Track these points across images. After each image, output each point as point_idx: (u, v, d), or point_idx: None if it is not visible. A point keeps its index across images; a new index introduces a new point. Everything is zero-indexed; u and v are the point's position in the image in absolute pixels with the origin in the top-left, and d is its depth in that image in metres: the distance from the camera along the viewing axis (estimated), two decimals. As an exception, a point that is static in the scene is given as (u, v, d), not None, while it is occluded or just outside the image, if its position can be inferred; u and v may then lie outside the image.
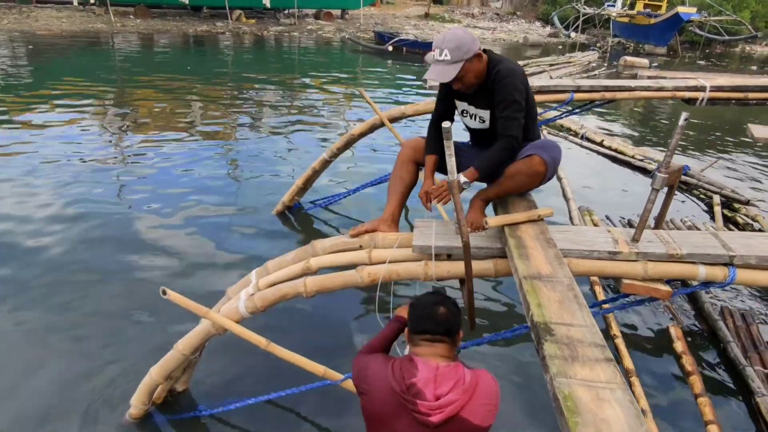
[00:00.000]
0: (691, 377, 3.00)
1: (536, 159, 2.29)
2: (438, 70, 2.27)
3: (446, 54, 2.23)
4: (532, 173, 2.31)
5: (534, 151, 2.32)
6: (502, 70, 2.31)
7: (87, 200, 4.84)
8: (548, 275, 1.83)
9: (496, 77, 2.31)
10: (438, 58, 2.26)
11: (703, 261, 2.11)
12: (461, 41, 2.24)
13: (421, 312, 1.74)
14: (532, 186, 2.40)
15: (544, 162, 2.29)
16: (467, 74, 2.30)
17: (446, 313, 1.73)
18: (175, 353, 2.40)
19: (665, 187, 2.12)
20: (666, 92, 4.35)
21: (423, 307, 1.75)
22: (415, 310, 1.78)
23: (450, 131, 1.86)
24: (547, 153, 2.31)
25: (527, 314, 1.67)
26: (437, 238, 2.19)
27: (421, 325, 1.73)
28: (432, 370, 1.63)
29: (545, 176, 2.35)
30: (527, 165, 2.31)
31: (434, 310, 1.73)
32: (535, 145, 2.38)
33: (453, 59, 2.23)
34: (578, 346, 1.50)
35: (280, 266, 2.40)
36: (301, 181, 4.72)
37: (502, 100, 2.32)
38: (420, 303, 1.79)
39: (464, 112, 2.58)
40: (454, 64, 2.24)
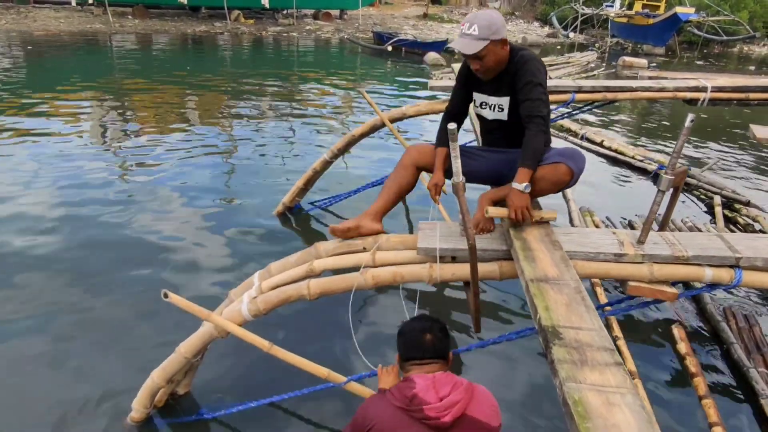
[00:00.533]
0: (695, 379, 2.99)
1: (563, 168, 2.23)
2: (463, 42, 2.27)
3: (475, 29, 2.24)
4: (557, 181, 2.27)
5: (560, 159, 2.25)
6: (525, 55, 2.34)
7: (85, 203, 4.82)
8: (555, 278, 1.82)
9: (519, 61, 2.32)
10: (466, 32, 2.27)
11: (709, 263, 2.10)
12: (493, 21, 2.25)
13: (408, 340, 1.77)
14: (550, 193, 2.35)
15: (571, 172, 2.24)
16: (489, 55, 2.29)
17: (433, 339, 1.75)
18: (177, 356, 2.38)
19: (671, 189, 2.12)
20: (667, 93, 4.35)
21: (410, 334, 1.78)
22: (402, 338, 1.80)
23: (455, 133, 1.85)
24: (574, 163, 2.26)
25: (534, 317, 1.66)
26: (442, 240, 2.17)
27: (410, 353, 1.76)
28: (428, 378, 1.67)
29: (568, 185, 2.32)
30: (553, 173, 2.25)
31: (421, 338, 1.75)
32: (561, 153, 2.31)
33: (480, 35, 2.23)
34: (587, 350, 1.48)
35: (283, 268, 2.39)
36: (302, 181, 4.70)
37: (528, 82, 2.29)
38: (407, 331, 1.80)
39: (482, 104, 2.54)
40: (480, 41, 2.24)
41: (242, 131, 7.50)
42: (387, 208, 2.52)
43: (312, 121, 8.26)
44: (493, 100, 2.48)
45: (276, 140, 7.09)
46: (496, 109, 2.49)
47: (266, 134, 7.37)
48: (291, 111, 8.92)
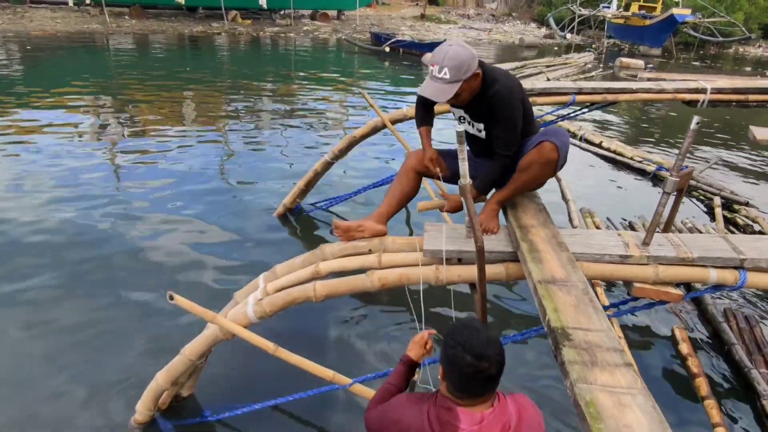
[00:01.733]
0: (697, 379, 3.00)
1: (547, 145, 2.27)
2: (436, 88, 2.21)
3: (446, 72, 2.17)
4: (545, 161, 2.29)
5: (542, 138, 2.30)
6: (500, 90, 2.27)
7: (85, 204, 4.80)
8: (562, 279, 1.83)
9: (494, 97, 2.28)
10: (437, 75, 2.19)
11: (714, 264, 2.11)
12: (462, 60, 2.18)
13: (463, 372, 1.40)
14: (546, 176, 2.38)
15: (556, 147, 2.27)
16: (463, 92, 2.26)
17: (491, 368, 1.39)
18: (181, 358, 2.38)
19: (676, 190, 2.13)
20: (667, 94, 4.36)
21: (466, 364, 1.39)
22: (453, 365, 1.42)
23: (463, 135, 1.86)
24: (557, 138, 2.29)
25: (543, 319, 1.66)
26: (448, 242, 2.18)
27: (465, 388, 1.44)
28: (476, 421, 1.42)
29: (557, 164, 2.33)
30: (539, 154, 2.29)
31: (479, 368, 1.38)
32: (543, 132, 2.37)
33: (452, 79, 2.18)
34: (597, 350, 1.49)
35: (289, 270, 2.39)
36: (303, 182, 4.70)
37: (500, 121, 2.32)
38: (459, 359, 1.40)
39: (461, 118, 2.58)
40: (452, 84, 2.19)
41: (240, 132, 7.48)
42: (391, 212, 2.55)
43: (311, 122, 8.25)
44: (471, 120, 2.51)
45: (275, 141, 7.08)
46: (475, 129, 2.53)
47: (265, 135, 7.36)
48: (289, 112, 8.91)
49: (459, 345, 1.41)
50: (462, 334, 1.43)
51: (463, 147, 1.87)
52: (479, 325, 1.49)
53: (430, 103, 2.71)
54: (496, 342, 1.43)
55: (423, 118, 2.69)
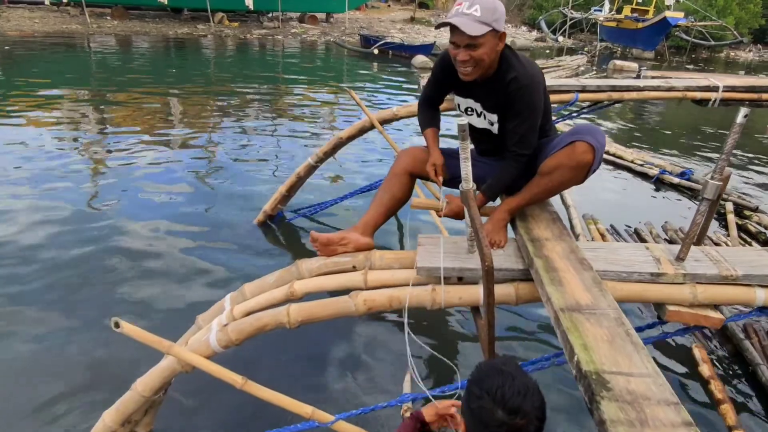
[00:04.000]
0: (722, 406, 2.68)
1: (581, 146, 1.88)
2: (463, 21, 1.83)
3: (477, 9, 1.82)
4: (578, 164, 1.91)
5: (576, 137, 1.90)
6: (520, 77, 1.93)
7: (49, 207, 4.41)
8: (589, 306, 1.49)
9: (512, 84, 1.94)
10: (465, 11, 1.83)
11: (762, 283, 1.78)
12: (497, 6, 1.87)
13: (492, 430, 1.11)
14: (574, 182, 2.00)
15: (592, 148, 1.88)
16: (484, 47, 1.88)
17: (528, 426, 1.11)
18: (132, 395, 2.01)
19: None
20: (677, 92, 4.08)
21: (495, 424, 1.10)
22: (479, 422, 1.13)
23: (467, 130, 1.52)
24: (593, 138, 1.90)
25: (571, 359, 1.32)
26: (446, 258, 1.83)
27: None
28: None
29: (591, 168, 1.94)
30: (570, 155, 1.90)
31: (514, 426, 1.10)
32: (575, 131, 1.96)
33: (482, 18, 1.83)
34: (645, 404, 1.15)
35: (260, 290, 2.03)
36: (285, 188, 4.34)
37: (519, 114, 1.97)
38: (488, 413, 1.12)
39: (468, 110, 2.22)
40: (481, 24, 1.83)
41: (224, 135, 7.09)
42: (378, 221, 2.17)
43: (297, 124, 7.89)
44: (481, 110, 2.15)
45: (259, 144, 6.70)
46: (485, 121, 2.17)
47: (249, 139, 6.97)
48: (275, 114, 8.54)
49: (487, 395, 1.12)
50: (491, 381, 1.14)
51: (466, 144, 1.53)
52: (513, 368, 1.18)
53: (435, 101, 2.37)
54: (535, 391, 1.14)
55: (428, 119, 2.33)
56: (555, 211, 2.15)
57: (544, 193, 2.04)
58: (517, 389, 1.11)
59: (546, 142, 2.10)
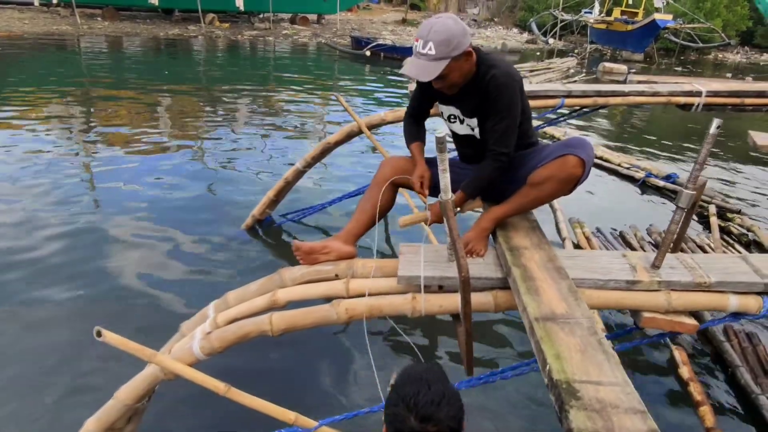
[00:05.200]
0: (701, 408, 2.73)
1: (572, 160, 1.90)
2: (419, 66, 1.88)
3: (431, 48, 1.84)
4: (567, 177, 1.93)
5: (568, 151, 1.93)
6: (498, 75, 1.94)
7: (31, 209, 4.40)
8: (564, 315, 1.52)
9: (490, 83, 1.95)
10: (421, 51, 1.87)
11: (735, 290, 1.82)
12: (451, 34, 1.85)
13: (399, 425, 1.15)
14: (561, 194, 2.04)
15: (582, 162, 1.90)
16: (452, 73, 1.93)
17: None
18: (114, 403, 2.02)
19: (690, 205, 1.84)
20: (661, 97, 4.14)
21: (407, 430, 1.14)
22: (394, 427, 1.17)
23: (444, 142, 1.54)
24: (584, 152, 1.92)
25: (543, 369, 1.35)
26: (427, 267, 1.86)
27: None
28: None
29: (579, 182, 1.97)
30: (561, 168, 1.92)
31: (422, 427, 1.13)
32: (566, 144, 1.99)
33: (438, 55, 1.85)
34: (612, 413, 1.18)
35: (243, 298, 2.05)
36: (273, 192, 4.35)
37: (498, 113, 1.98)
38: (401, 420, 1.15)
39: (451, 117, 2.25)
40: (438, 61, 1.86)
41: (213, 139, 7.07)
42: (361, 230, 2.18)
43: (287, 129, 7.89)
44: (463, 117, 2.18)
45: (248, 148, 6.70)
46: (466, 127, 2.20)
47: (238, 142, 6.97)
48: (265, 117, 8.54)
49: (402, 402, 1.15)
50: (408, 388, 1.17)
51: (445, 156, 1.56)
52: (433, 375, 1.21)
53: (420, 114, 2.37)
54: (453, 399, 1.17)
55: (414, 134, 2.32)
56: (534, 220, 2.18)
57: (532, 203, 2.06)
58: (431, 398, 1.14)
59: (532, 152, 2.12)
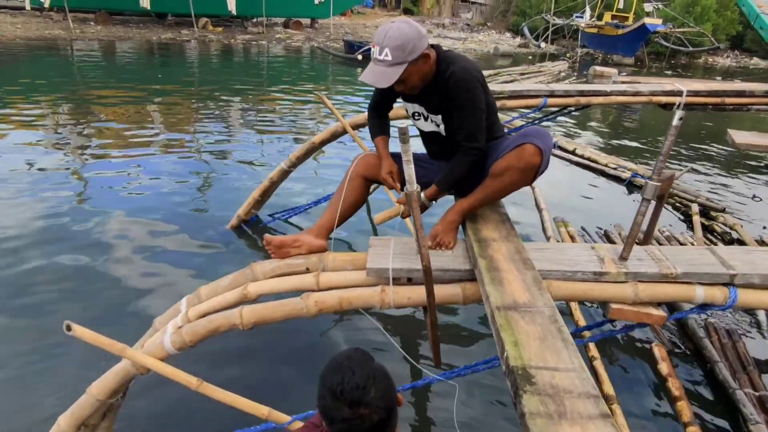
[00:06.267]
0: (678, 403, 2.75)
1: (529, 148, 1.92)
2: (377, 73, 1.92)
3: (387, 53, 1.88)
4: (525, 166, 1.95)
5: (524, 140, 1.95)
6: (456, 72, 1.97)
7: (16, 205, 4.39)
8: (526, 304, 1.53)
9: (450, 79, 1.98)
10: (378, 57, 1.91)
11: (701, 281, 1.84)
12: (406, 39, 1.88)
13: (341, 428, 1.16)
14: (523, 184, 2.05)
15: (539, 151, 1.92)
16: (411, 77, 1.97)
17: (372, 414, 1.15)
18: (87, 398, 2.01)
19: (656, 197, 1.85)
20: (642, 97, 4.18)
21: (340, 420, 1.15)
22: (328, 419, 1.17)
23: (407, 134, 1.55)
24: (541, 140, 1.94)
25: (501, 355, 1.36)
26: (396, 259, 1.87)
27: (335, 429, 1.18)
28: None
29: (539, 170, 1.98)
30: (519, 157, 1.94)
31: (358, 415, 1.14)
32: (524, 134, 2.01)
33: (394, 60, 1.89)
34: (566, 397, 1.19)
35: (214, 293, 2.05)
36: (258, 192, 4.36)
37: (462, 108, 2.01)
38: (333, 411, 1.15)
39: (416, 115, 2.27)
40: (395, 67, 1.90)
41: (201, 140, 7.07)
42: (332, 225, 2.20)
43: (277, 129, 7.90)
44: (428, 114, 2.20)
45: (237, 149, 6.70)
46: (431, 123, 2.22)
47: (227, 144, 6.97)
48: (256, 120, 8.54)
49: (329, 393, 1.16)
50: (332, 378, 1.17)
51: (408, 147, 1.57)
52: (356, 360, 1.21)
53: (383, 108, 2.40)
54: (379, 378, 1.19)
55: (377, 127, 2.37)
56: (505, 213, 2.19)
57: (494, 194, 2.07)
58: (357, 382, 1.15)
59: (495, 144, 2.14)
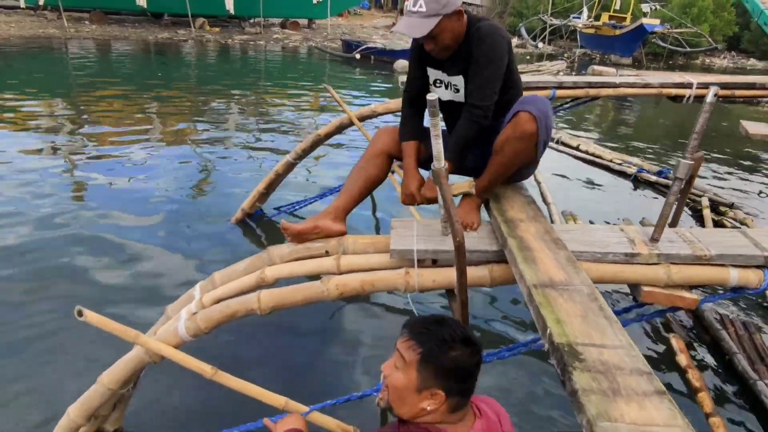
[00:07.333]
0: (699, 394, 2.68)
1: (523, 116, 1.87)
2: (410, 23, 1.87)
3: (421, 5, 1.84)
4: (522, 135, 1.88)
5: (517, 108, 1.91)
6: (483, 27, 1.94)
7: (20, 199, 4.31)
8: (563, 282, 1.47)
9: (475, 34, 1.94)
10: (411, 9, 1.87)
11: (734, 263, 1.78)
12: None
13: (468, 372, 1.16)
14: (526, 156, 1.97)
15: (533, 117, 1.86)
16: (443, 33, 1.91)
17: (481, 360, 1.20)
18: (98, 388, 1.94)
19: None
20: (652, 89, 4.13)
21: (470, 364, 1.15)
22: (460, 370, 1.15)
23: (437, 105, 1.49)
24: (533, 106, 1.88)
25: (543, 333, 1.29)
26: (420, 241, 1.80)
27: (466, 392, 1.17)
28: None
29: (538, 138, 1.91)
30: (514, 127, 1.89)
31: (479, 358, 1.18)
32: (519, 102, 1.96)
33: (429, 12, 1.85)
34: (617, 374, 1.13)
35: (230, 278, 1.98)
36: (263, 185, 4.28)
37: (479, 63, 1.94)
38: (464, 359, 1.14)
39: (437, 82, 2.18)
40: (429, 18, 1.86)
41: (203, 137, 6.97)
42: (351, 205, 2.12)
43: (278, 126, 7.83)
44: (447, 79, 2.12)
45: (239, 144, 6.63)
46: (452, 89, 2.14)
47: (229, 141, 6.87)
48: (256, 116, 8.47)
49: (458, 342, 1.15)
50: (445, 331, 1.16)
51: (437, 121, 1.51)
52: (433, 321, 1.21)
53: (419, 93, 2.21)
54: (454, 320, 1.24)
55: (411, 128, 2.17)
56: (530, 195, 2.13)
57: (501, 169, 2.00)
58: (459, 325, 1.19)
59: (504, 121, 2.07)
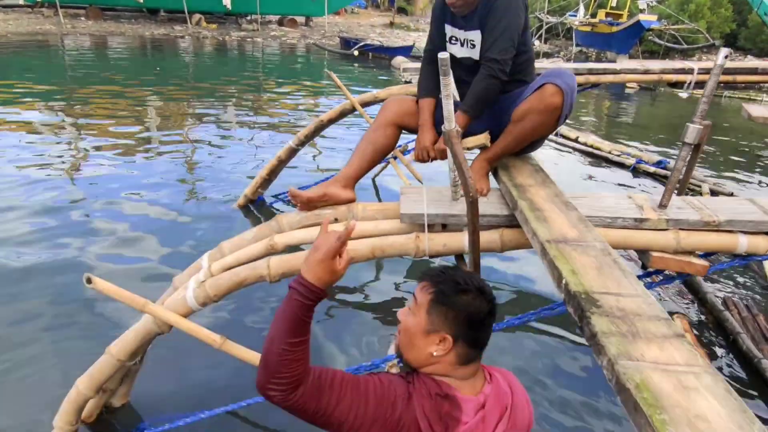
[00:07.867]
0: (703, 372, 2.71)
1: (549, 88, 1.83)
2: None
3: None
4: (546, 108, 1.85)
5: (544, 80, 1.86)
6: None
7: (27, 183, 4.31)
8: (576, 239, 1.47)
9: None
10: None
11: (744, 229, 1.79)
12: None
13: (481, 320, 1.09)
14: (547, 128, 1.95)
15: (560, 90, 1.82)
16: None
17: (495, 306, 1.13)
18: (107, 359, 1.93)
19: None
20: (653, 75, 4.13)
21: (484, 312, 1.09)
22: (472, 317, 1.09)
23: (448, 64, 1.49)
24: (561, 80, 1.85)
25: (559, 284, 1.29)
26: (430, 206, 1.80)
27: (478, 343, 1.11)
28: (478, 405, 1.08)
29: (562, 111, 1.88)
30: (539, 99, 1.85)
31: (493, 308, 1.11)
32: (545, 74, 1.92)
33: None
34: (636, 320, 1.13)
35: (238, 247, 1.97)
36: (266, 171, 4.27)
37: (495, 15, 1.92)
38: (477, 305, 1.09)
39: (452, 39, 2.15)
40: None
41: (205, 127, 6.93)
42: (360, 173, 2.11)
43: (278, 116, 7.82)
44: (463, 35, 2.09)
45: (240, 132, 6.63)
46: (468, 45, 2.10)
47: (230, 130, 6.86)
48: (257, 107, 8.46)
49: (471, 288, 1.10)
50: (459, 275, 1.12)
51: (449, 80, 1.51)
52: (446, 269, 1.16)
53: (439, 43, 2.19)
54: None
55: (428, 86, 2.14)
56: (537, 163, 2.13)
57: (518, 139, 1.98)
58: (475, 275, 1.15)
59: (522, 90, 2.06)
